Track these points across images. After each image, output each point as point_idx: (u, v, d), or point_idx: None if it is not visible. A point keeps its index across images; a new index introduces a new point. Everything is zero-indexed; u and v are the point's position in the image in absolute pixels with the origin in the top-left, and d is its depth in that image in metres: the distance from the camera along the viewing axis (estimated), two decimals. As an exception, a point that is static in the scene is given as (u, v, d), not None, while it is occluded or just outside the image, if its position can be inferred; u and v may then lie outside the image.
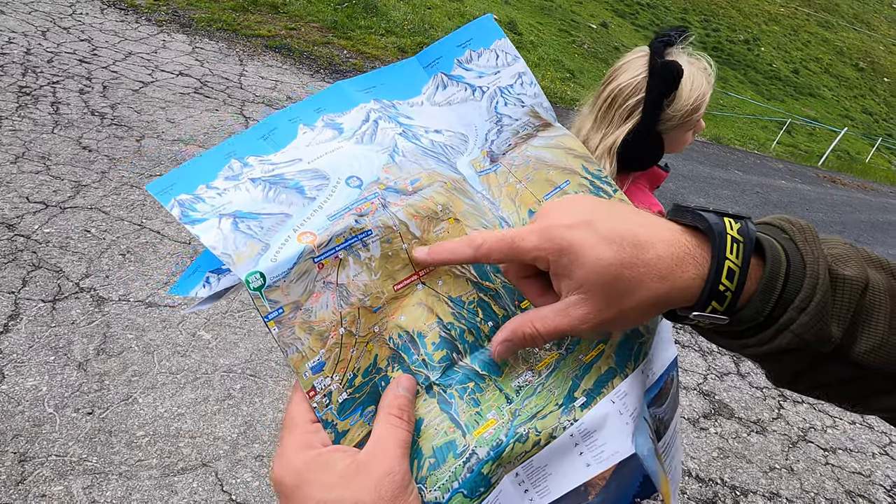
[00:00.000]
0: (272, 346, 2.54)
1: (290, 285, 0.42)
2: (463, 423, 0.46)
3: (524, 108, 0.58)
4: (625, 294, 0.40)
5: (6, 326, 2.26)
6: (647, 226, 0.41)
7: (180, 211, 0.43)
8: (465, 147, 0.55)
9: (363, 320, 0.45)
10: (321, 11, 8.05)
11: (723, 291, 0.39)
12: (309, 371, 0.42)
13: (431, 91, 0.57)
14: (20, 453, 1.85)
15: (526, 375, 0.49)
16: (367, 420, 0.44)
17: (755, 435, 3.01)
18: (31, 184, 3.10)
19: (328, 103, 0.53)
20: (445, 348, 0.47)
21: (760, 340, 0.40)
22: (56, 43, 4.85)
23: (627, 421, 0.49)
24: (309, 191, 0.46)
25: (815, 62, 37.64)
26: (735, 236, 0.40)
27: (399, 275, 0.47)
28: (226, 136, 4.24)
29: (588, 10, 28.68)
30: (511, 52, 0.58)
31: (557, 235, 0.41)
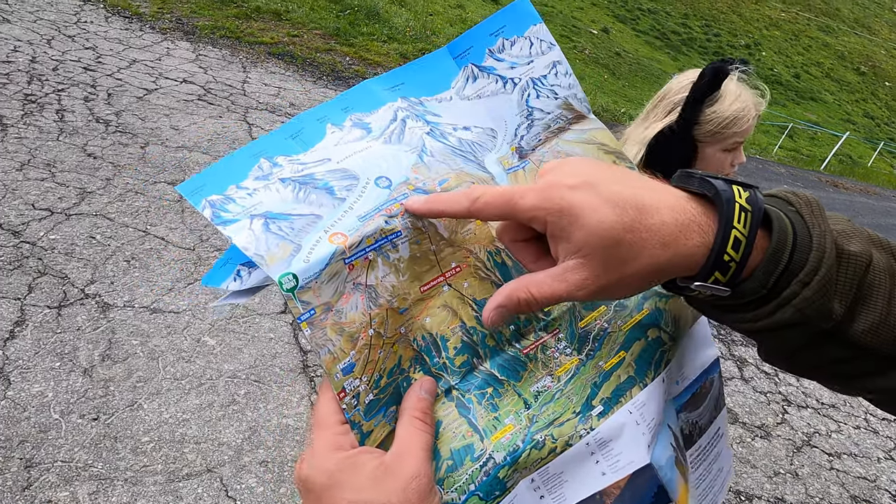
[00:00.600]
0: (276, 351, 2.55)
1: (321, 286, 0.42)
2: (481, 427, 0.46)
3: (557, 101, 0.55)
4: (625, 259, 0.38)
5: (12, 333, 2.28)
6: (652, 190, 0.39)
7: (212, 212, 0.43)
8: (494, 144, 0.54)
9: (391, 321, 0.45)
10: (324, 18, 8.09)
11: (727, 262, 0.38)
12: (340, 372, 0.42)
13: (461, 84, 0.55)
14: (26, 459, 1.85)
15: (545, 381, 0.49)
16: (388, 420, 0.45)
17: (759, 440, 3.00)
18: (37, 191, 3.12)
19: (355, 102, 0.52)
20: (466, 353, 0.48)
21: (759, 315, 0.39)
22: (61, 51, 4.88)
23: (644, 431, 0.49)
24: (339, 191, 0.46)
25: (817, 66, 37.66)
26: (743, 205, 0.38)
27: (426, 276, 0.47)
28: (230, 142, 4.26)
29: (589, 15, 28.76)
30: (546, 39, 0.55)
31: (557, 195, 0.39)
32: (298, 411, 2.30)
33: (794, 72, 35.25)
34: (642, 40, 30.21)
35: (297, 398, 2.36)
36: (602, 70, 21.11)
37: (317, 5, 8.50)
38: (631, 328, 0.52)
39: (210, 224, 3.25)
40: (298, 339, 2.66)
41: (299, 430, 2.23)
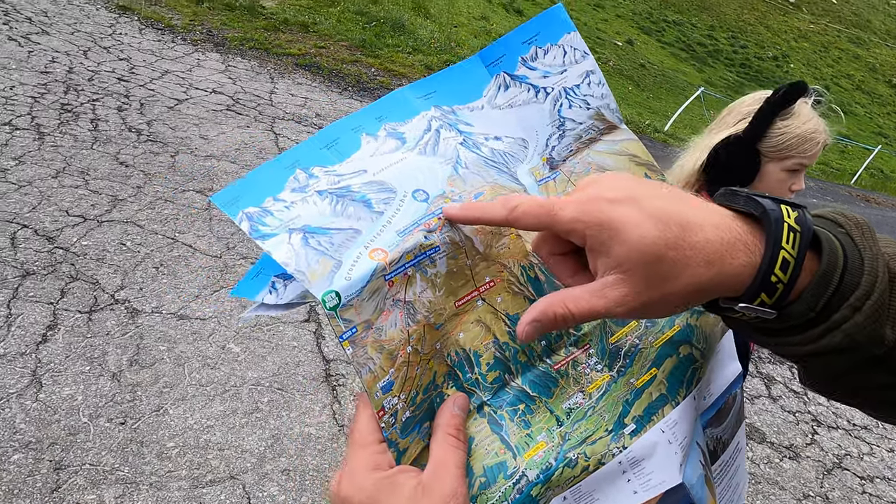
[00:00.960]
0: (299, 359, 2.57)
1: (362, 304, 0.42)
2: (514, 444, 0.46)
3: (589, 111, 0.55)
4: (667, 277, 0.37)
5: (45, 336, 2.33)
6: (696, 207, 0.38)
7: (249, 225, 0.43)
8: (525, 154, 0.53)
9: (427, 337, 0.45)
10: (350, 30, 8.21)
11: (775, 283, 0.36)
12: (380, 391, 0.42)
13: (493, 93, 0.54)
14: (56, 461, 1.89)
15: (576, 397, 0.49)
16: (422, 437, 0.45)
17: (788, 461, 2.92)
18: (71, 198, 3.21)
19: (389, 111, 0.52)
20: (499, 369, 0.48)
21: (806, 339, 0.38)
22: (97, 62, 5.02)
23: (676, 450, 0.49)
24: (376, 204, 0.46)
25: (847, 79, 36.99)
26: (792, 225, 0.37)
27: (461, 291, 0.47)
28: (257, 152, 4.33)
29: (613, 27, 28.70)
30: (580, 48, 0.55)
31: (598, 208, 0.38)
32: (320, 420, 2.31)
33: (824, 84, 34.60)
34: (667, 52, 30.03)
35: (319, 407, 2.37)
36: (626, 81, 21.01)
37: (343, 17, 8.63)
38: (662, 345, 0.52)
39: (237, 232, 3.31)
40: (321, 347, 2.68)
41: (321, 439, 2.24)
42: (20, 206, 3.02)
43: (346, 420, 2.35)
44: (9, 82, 4.21)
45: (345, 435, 2.29)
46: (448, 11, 14.16)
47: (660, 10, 35.19)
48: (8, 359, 2.19)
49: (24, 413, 2.01)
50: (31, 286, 2.55)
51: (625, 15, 32.22)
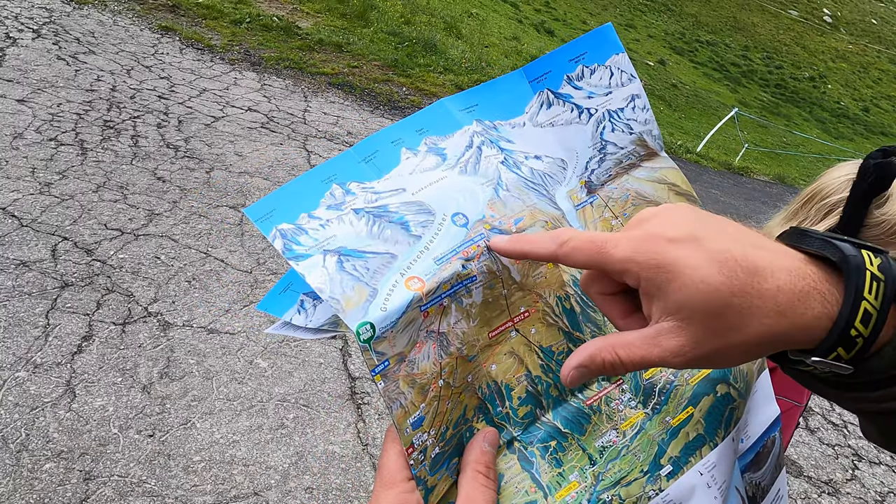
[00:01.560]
0: (325, 376, 2.58)
1: (396, 336, 0.40)
2: (545, 483, 0.44)
3: (631, 136, 0.53)
4: (731, 327, 0.34)
5: (80, 347, 2.39)
6: (766, 249, 0.35)
7: (283, 244, 0.41)
8: (564, 176, 0.52)
9: (459, 370, 0.43)
10: (382, 50, 8.35)
11: (854, 337, 0.33)
12: (410, 427, 0.41)
13: (535, 110, 0.53)
14: (85, 471, 1.92)
15: (610, 435, 0.47)
16: (451, 473, 0.43)
17: (827, 497, 2.80)
18: (110, 212, 3.30)
19: (430, 124, 0.50)
20: (530, 404, 0.46)
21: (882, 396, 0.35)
22: (139, 80, 5.20)
23: (716, 495, 0.47)
24: (414, 227, 0.44)
25: (888, 100, 36.07)
26: (875, 273, 0.33)
27: (495, 321, 0.45)
28: (289, 169, 4.41)
29: (645, 47, 28.61)
30: (627, 71, 0.53)
31: (655, 248, 0.35)
32: (345, 438, 2.31)
33: (863, 105, 33.86)
34: (700, 72, 29.76)
35: (343, 425, 2.37)
36: (658, 102, 20.86)
37: (376, 38, 8.79)
38: (699, 382, 0.50)
39: (267, 248, 3.35)
40: (347, 365, 2.68)
41: (345, 457, 2.23)
42: (62, 219, 3.12)
43: (369, 439, 2.34)
44: (56, 100, 4.38)
45: (369, 455, 2.28)
46: (479, 32, 14.31)
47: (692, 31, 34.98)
48: (44, 368, 2.25)
49: (57, 422, 2.06)
50: (69, 297, 2.62)
51: (657, 35, 32.12)
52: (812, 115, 29.96)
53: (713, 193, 9.15)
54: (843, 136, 28.03)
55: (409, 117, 0.50)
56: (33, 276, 2.68)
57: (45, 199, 3.25)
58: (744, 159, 13.61)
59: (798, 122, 28.02)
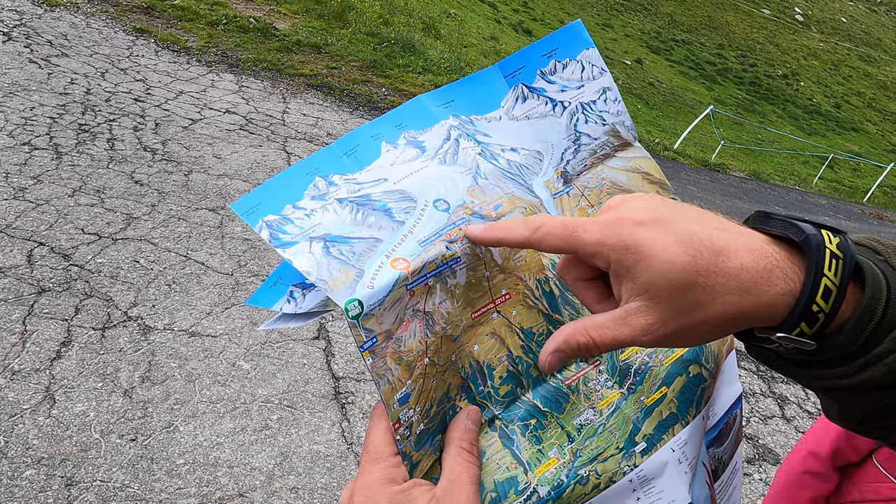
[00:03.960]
0: (308, 377, 2.58)
1: (383, 313, 0.41)
2: (525, 460, 0.46)
3: (605, 127, 0.55)
4: (697, 305, 0.35)
5: (59, 353, 2.36)
6: (730, 231, 0.36)
7: (269, 233, 0.43)
8: (541, 167, 0.53)
9: (444, 349, 0.45)
10: (361, 51, 8.33)
11: (816, 312, 0.34)
12: (396, 403, 0.42)
13: (510, 104, 0.54)
14: (67, 477, 1.90)
15: (587, 414, 0.49)
16: (434, 450, 0.45)
17: (803, 483, 2.87)
18: (87, 216, 3.26)
19: (409, 119, 0.52)
20: (511, 383, 0.48)
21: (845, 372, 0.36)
22: (114, 83, 5.13)
23: (686, 470, 0.49)
24: (397, 213, 0.46)
25: (858, 96, 36.90)
26: (834, 251, 0.35)
27: (478, 303, 0.47)
28: (269, 171, 4.38)
29: (622, 46, 28.90)
30: (598, 65, 0.55)
31: (625, 231, 0.36)
32: (329, 438, 2.31)
33: (835, 102, 34.59)
34: (676, 70, 30.14)
35: (328, 425, 2.37)
36: (635, 100, 21.08)
37: (355, 38, 8.77)
38: (672, 363, 0.52)
39: (248, 249, 3.34)
40: (331, 365, 2.69)
41: (330, 457, 2.24)
42: (37, 224, 3.07)
43: (354, 438, 2.35)
44: (29, 103, 4.31)
45: (354, 453, 2.29)
46: (458, 32, 14.34)
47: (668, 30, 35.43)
48: (22, 375, 2.22)
49: (37, 429, 2.03)
50: (46, 303, 2.58)
51: (633, 34, 32.46)
52: (786, 112, 30.53)
53: (690, 190, 9.29)
54: (815, 133, 28.60)
55: (388, 113, 0.52)
56: (9, 282, 2.64)
57: (19, 204, 3.20)
58: (720, 156, 13.83)
59: (772, 118, 28.53)
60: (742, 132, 23.16)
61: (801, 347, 0.36)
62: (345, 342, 2.85)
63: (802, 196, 13.34)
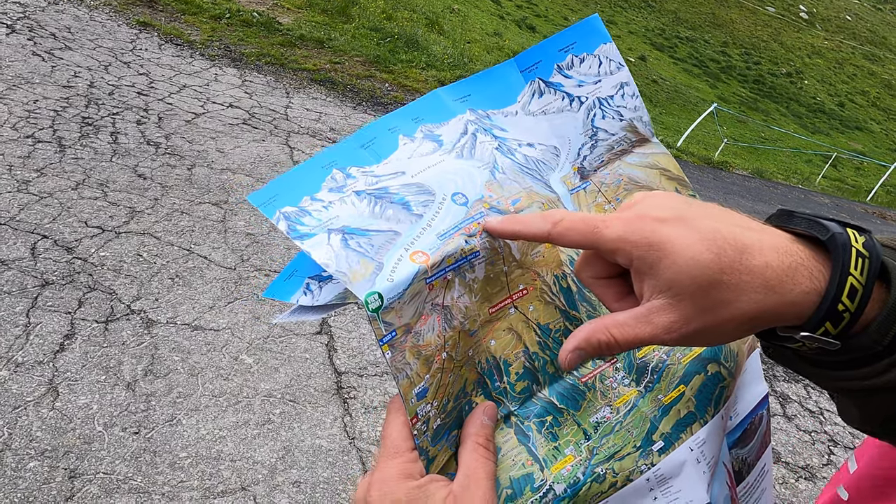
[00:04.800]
0: (311, 371, 2.58)
1: (403, 307, 0.41)
2: (541, 457, 0.46)
3: (622, 123, 0.55)
4: (721, 303, 0.34)
5: (62, 345, 2.37)
6: (753, 229, 0.36)
7: (287, 225, 0.42)
8: (557, 162, 0.53)
9: (461, 344, 0.44)
10: (364, 46, 8.31)
11: (841, 311, 0.34)
12: (414, 398, 0.41)
13: (527, 99, 0.54)
14: (70, 469, 1.91)
15: (604, 411, 0.49)
16: (450, 445, 0.45)
17: (804, 481, 2.88)
18: (90, 209, 3.26)
19: (425, 112, 0.52)
20: (527, 379, 0.47)
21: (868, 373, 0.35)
22: (117, 76, 5.13)
23: (704, 469, 0.49)
24: (415, 206, 0.46)
25: (862, 95, 36.76)
26: (860, 250, 0.34)
27: (495, 298, 0.46)
28: (272, 165, 4.38)
29: (626, 43, 28.80)
30: (616, 59, 0.55)
31: (648, 228, 0.36)
32: (331, 433, 2.32)
33: (839, 100, 34.47)
34: (680, 68, 30.05)
35: (330, 419, 2.38)
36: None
37: (358, 34, 8.75)
38: (690, 361, 0.52)
39: (251, 244, 3.34)
40: (333, 360, 2.69)
41: (332, 451, 2.24)
42: (41, 217, 3.07)
43: (356, 433, 2.35)
44: (32, 96, 4.31)
45: (356, 448, 2.29)
46: (461, 28, 14.31)
47: (672, 27, 35.31)
48: (26, 367, 2.22)
49: (40, 421, 2.04)
50: (49, 296, 2.59)
51: (637, 31, 32.35)
52: (789, 111, 30.44)
53: (693, 188, 9.27)
54: (819, 131, 28.52)
55: (404, 107, 0.52)
56: (12, 274, 2.64)
57: (23, 196, 3.20)
58: (723, 154, 13.80)
59: (776, 117, 28.45)
60: (745, 130, 23.10)
61: (824, 347, 0.35)
62: (347, 337, 2.85)
63: (805, 195, 13.31)
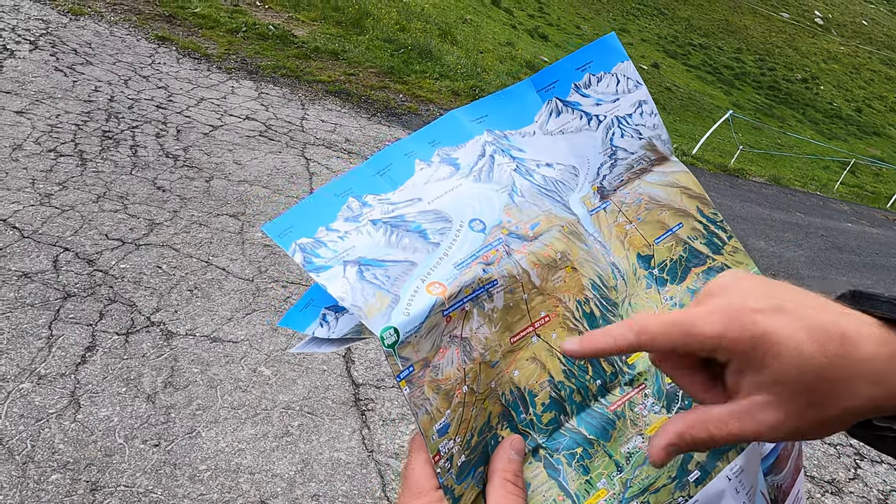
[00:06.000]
0: (329, 383, 2.58)
1: (420, 341, 0.40)
2: (573, 491, 0.44)
3: (641, 141, 0.54)
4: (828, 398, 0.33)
5: (84, 357, 2.39)
6: (847, 316, 0.35)
7: (303, 257, 0.42)
8: (576, 182, 0.52)
9: (483, 376, 0.43)
10: (378, 57, 8.38)
11: None
12: (436, 434, 0.40)
13: (544, 118, 0.53)
14: (92, 482, 1.92)
15: (635, 441, 0.47)
16: (477, 482, 0.43)
17: (830, 496, 2.81)
18: (111, 222, 3.30)
19: (442, 135, 0.51)
20: (554, 410, 0.46)
21: None
22: (136, 90, 5.21)
23: (745, 500, 0.47)
24: (432, 235, 0.45)
25: (880, 100, 36.30)
26: None
27: (516, 326, 0.45)
28: (288, 177, 4.41)
29: (639, 51, 28.74)
30: (633, 77, 0.54)
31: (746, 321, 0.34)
32: (350, 445, 2.31)
33: (856, 106, 34.06)
34: (693, 75, 29.91)
35: (348, 432, 2.37)
36: (652, 105, 20.91)
37: (372, 45, 8.82)
38: None
39: (269, 255, 3.36)
40: (351, 372, 2.69)
41: (350, 464, 2.23)
42: (63, 230, 3.12)
43: (374, 445, 2.34)
44: (54, 111, 4.38)
45: (374, 461, 2.28)
46: (474, 38, 14.37)
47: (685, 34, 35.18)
48: (49, 379, 2.25)
49: (62, 433, 2.05)
50: (71, 308, 2.62)
51: (650, 39, 32.28)
52: (805, 117, 30.12)
53: (709, 196, 9.18)
54: (836, 137, 28.18)
55: (421, 130, 0.51)
56: (35, 287, 2.68)
57: (45, 210, 3.25)
58: (739, 161, 13.68)
59: (792, 123, 28.17)
60: (761, 137, 22.89)
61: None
62: (364, 349, 2.85)
63: (824, 201, 13.13)
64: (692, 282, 0.53)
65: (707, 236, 0.54)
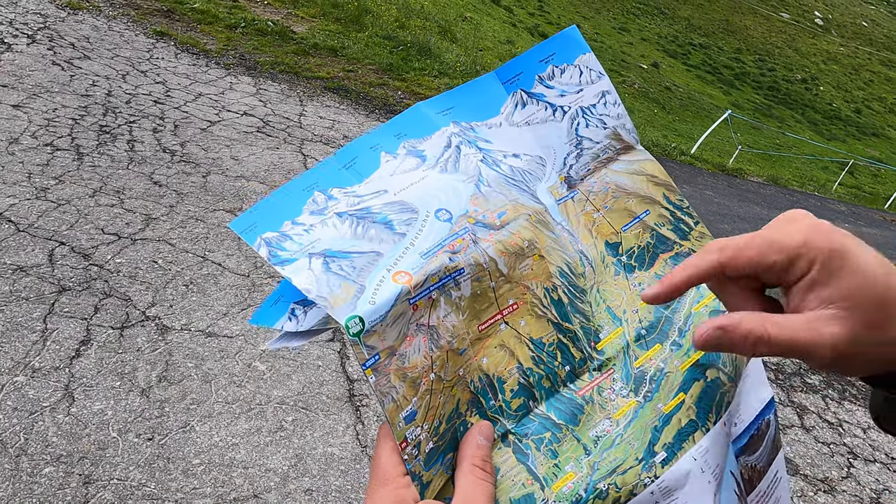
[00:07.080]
0: (323, 379, 2.58)
1: (386, 329, 0.40)
2: (541, 475, 0.45)
3: (606, 131, 0.55)
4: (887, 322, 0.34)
5: (78, 351, 2.39)
6: None
7: (268, 251, 0.42)
8: (543, 172, 0.53)
9: (450, 364, 0.43)
10: (377, 54, 8.37)
11: None
12: (402, 421, 0.40)
13: (510, 110, 0.54)
14: (85, 475, 1.92)
15: (603, 424, 0.48)
16: (446, 469, 0.43)
17: (823, 494, 2.82)
18: (107, 216, 3.30)
19: (408, 128, 0.51)
20: (523, 396, 0.46)
21: None
22: (134, 85, 5.20)
23: (710, 479, 0.47)
24: (398, 226, 0.45)
25: (879, 101, 36.35)
26: None
27: (484, 314, 0.46)
28: (286, 173, 4.41)
29: (639, 50, 28.74)
30: (595, 69, 0.55)
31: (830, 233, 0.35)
32: (344, 441, 2.31)
33: (855, 107, 34.10)
34: (693, 75, 29.92)
35: (342, 427, 2.37)
36: (652, 104, 20.96)
37: (371, 42, 8.81)
38: (689, 368, 0.51)
39: (264, 251, 3.36)
40: (345, 367, 2.69)
41: (344, 459, 2.23)
42: (58, 224, 3.11)
43: (368, 441, 2.34)
44: (52, 105, 4.38)
45: (367, 456, 2.28)
46: (474, 36, 14.37)
47: (685, 34, 35.18)
48: (43, 373, 2.25)
49: (56, 427, 2.06)
50: (66, 302, 2.62)
51: (650, 38, 32.28)
52: (804, 117, 30.16)
53: (707, 195, 9.20)
54: (835, 138, 28.22)
55: (387, 123, 0.51)
56: (30, 280, 2.68)
57: (41, 204, 3.24)
58: (737, 161, 13.69)
59: (791, 123, 28.20)
60: (760, 137, 22.92)
61: None
62: (359, 345, 2.85)
63: (822, 202, 13.15)
64: (660, 268, 0.54)
65: (674, 223, 0.55)
